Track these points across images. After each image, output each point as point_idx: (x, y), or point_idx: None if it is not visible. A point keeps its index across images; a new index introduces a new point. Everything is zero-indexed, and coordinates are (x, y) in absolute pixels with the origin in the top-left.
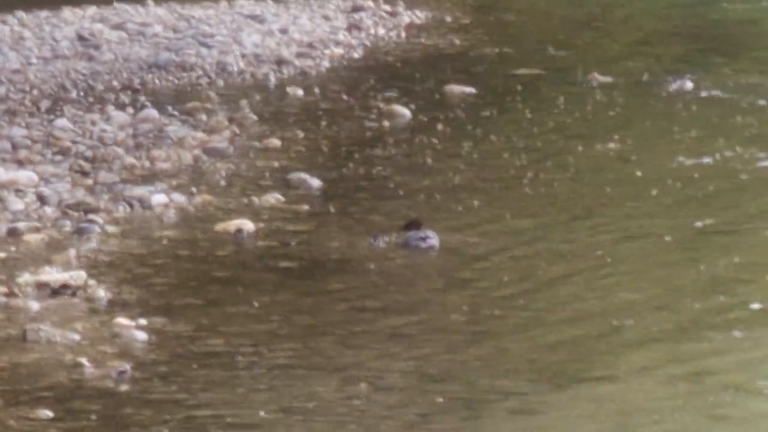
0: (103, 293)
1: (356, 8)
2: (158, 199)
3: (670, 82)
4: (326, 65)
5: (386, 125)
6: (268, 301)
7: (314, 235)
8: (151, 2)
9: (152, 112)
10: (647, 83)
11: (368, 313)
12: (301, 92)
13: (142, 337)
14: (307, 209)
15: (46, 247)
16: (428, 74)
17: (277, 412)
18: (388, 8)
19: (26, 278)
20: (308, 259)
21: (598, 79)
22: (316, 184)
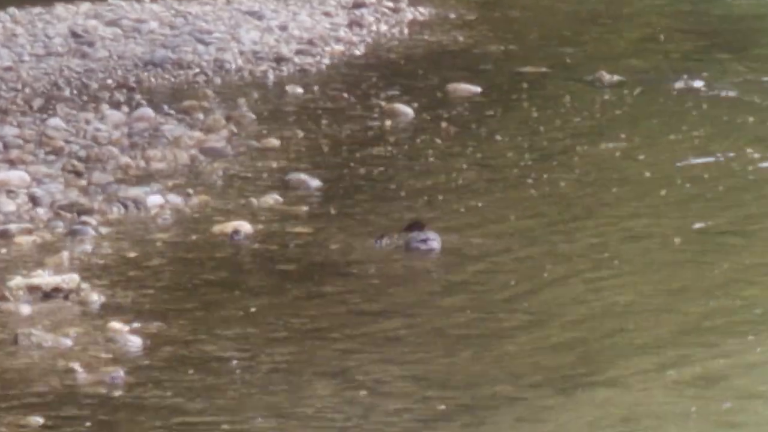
0: (96, 296)
1: (357, 4)
2: (154, 200)
3: (677, 79)
4: (326, 63)
5: (388, 124)
6: (265, 304)
7: (313, 236)
8: None
9: (148, 110)
10: (655, 81)
11: (368, 316)
12: (300, 90)
13: (136, 341)
14: (306, 210)
15: (38, 249)
16: (431, 72)
17: (274, 418)
18: (390, 4)
19: (18, 281)
20: (307, 261)
21: (605, 77)
22: (315, 184)
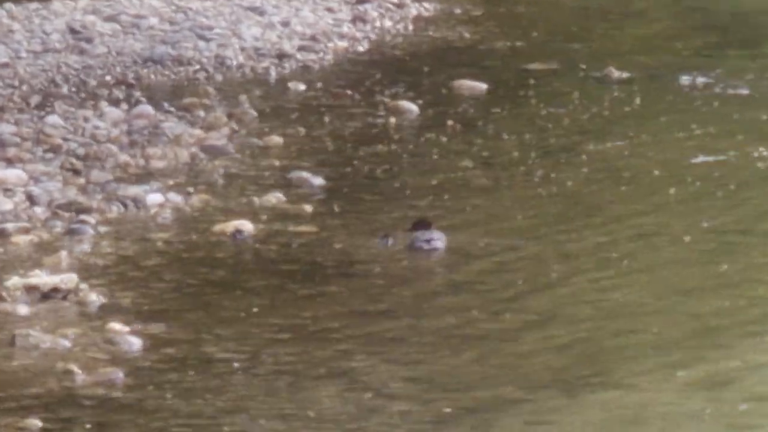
0: (95, 297)
1: (361, 0)
2: (153, 198)
3: (687, 76)
4: (330, 59)
5: (392, 122)
6: (267, 304)
7: (316, 236)
8: None
9: (147, 108)
10: (664, 78)
11: (371, 317)
12: (303, 87)
13: (135, 342)
14: (309, 209)
15: (35, 248)
16: (437, 68)
17: (276, 420)
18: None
19: (15, 281)
20: (309, 261)
21: (613, 73)
22: (318, 182)
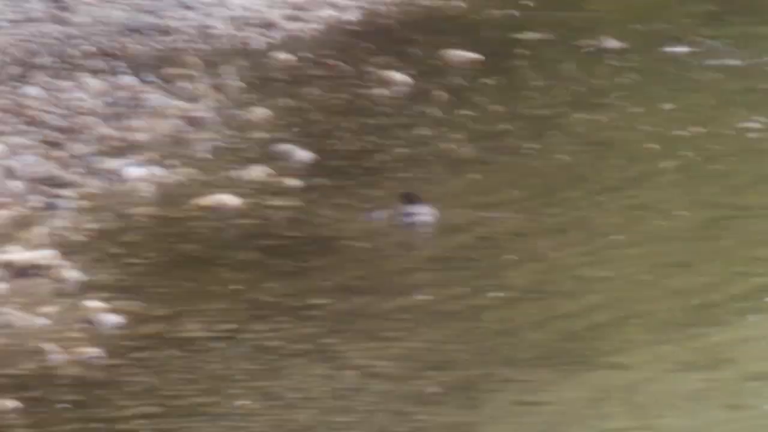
0: (74, 274)
1: None
2: (135, 172)
3: (684, 46)
4: (319, 29)
5: (383, 93)
6: (250, 280)
7: (302, 211)
8: None
9: (130, 79)
10: (659, 47)
11: (356, 293)
12: (291, 57)
13: (115, 321)
14: (295, 183)
15: (12, 223)
16: (428, 38)
17: (259, 400)
18: None
19: None
20: (294, 236)
21: (607, 43)
22: (305, 156)
